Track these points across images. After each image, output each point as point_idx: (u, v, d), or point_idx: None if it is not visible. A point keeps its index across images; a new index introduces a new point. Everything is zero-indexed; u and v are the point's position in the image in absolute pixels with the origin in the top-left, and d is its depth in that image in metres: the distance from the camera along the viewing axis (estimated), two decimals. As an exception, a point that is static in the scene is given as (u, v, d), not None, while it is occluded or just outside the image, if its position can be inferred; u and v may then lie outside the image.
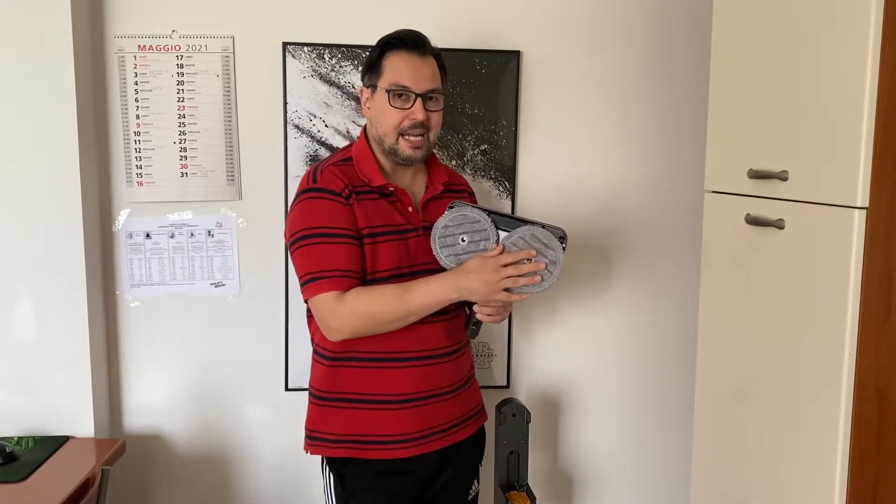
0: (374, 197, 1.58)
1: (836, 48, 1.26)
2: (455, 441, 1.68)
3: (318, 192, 1.55)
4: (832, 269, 1.26)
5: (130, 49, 1.98)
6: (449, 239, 1.53)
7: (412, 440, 1.61)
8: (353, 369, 1.60)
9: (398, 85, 1.55)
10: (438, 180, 1.68)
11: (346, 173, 1.58)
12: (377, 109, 1.59)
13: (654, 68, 2.16)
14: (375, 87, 1.58)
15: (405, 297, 1.50)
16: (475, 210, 1.54)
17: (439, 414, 1.64)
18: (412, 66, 1.56)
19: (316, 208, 1.55)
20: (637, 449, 2.30)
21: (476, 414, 1.76)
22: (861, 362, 1.23)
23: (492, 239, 1.53)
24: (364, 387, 1.59)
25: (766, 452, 1.47)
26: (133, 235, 2.04)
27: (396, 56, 1.57)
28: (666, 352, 2.26)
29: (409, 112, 1.56)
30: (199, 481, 2.13)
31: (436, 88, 1.59)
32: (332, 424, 1.62)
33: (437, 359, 1.62)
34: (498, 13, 2.09)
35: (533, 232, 1.52)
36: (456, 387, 1.68)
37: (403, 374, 1.59)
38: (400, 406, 1.59)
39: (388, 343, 1.57)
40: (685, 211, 2.20)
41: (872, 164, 1.19)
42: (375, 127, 1.60)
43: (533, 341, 2.22)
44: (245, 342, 2.10)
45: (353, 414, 1.60)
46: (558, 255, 1.52)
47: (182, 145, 2.01)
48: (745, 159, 1.51)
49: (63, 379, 1.92)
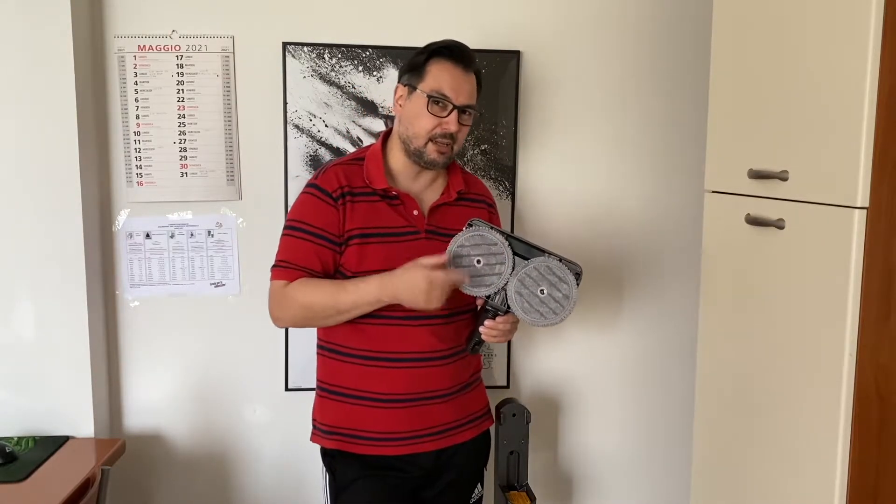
0: (373, 199, 1.61)
1: (836, 48, 1.26)
2: (453, 443, 1.68)
3: (313, 189, 1.62)
4: (832, 269, 1.26)
5: (130, 49, 1.98)
6: (465, 259, 1.52)
7: (401, 439, 1.62)
8: (350, 364, 1.63)
9: (439, 93, 1.57)
10: (454, 187, 1.70)
11: (349, 174, 1.62)
12: (412, 111, 1.60)
13: (654, 68, 2.16)
14: (415, 88, 1.60)
15: (337, 295, 1.54)
16: (493, 232, 1.53)
17: (433, 416, 1.65)
18: (456, 78, 1.59)
19: (306, 203, 1.62)
20: (637, 449, 2.30)
21: (479, 418, 1.76)
22: (861, 362, 1.23)
23: (507, 263, 1.52)
24: (359, 383, 1.63)
25: (765, 452, 1.47)
26: (133, 235, 2.04)
27: (443, 65, 1.59)
28: (666, 352, 2.26)
29: (444, 121, 1.58)
30: (199, 481, 2.13)
31: (472, 105, 1.62)
32: (327, 415, 1.67)
33: (430, 361, 1.63)
34: (498, 13, 2.09)
35: (548, 264, 1.51)
36: (453, 390, 1.68)
37: (394, 374, 1.61)
38: (390, 405, 1.62)
39: (379, 343, 1.61)
40: (685, 211, 2.20)
41: (872, 164, 1.19)
42: (406, 126, 1.62)
43: (533, 341, 2.22)
44: (245, 342, 2.09)
45: (347, 408, 1.64)
46: (571, 290, 1.52)
47: (182, 145, 2.01)
48: (745, 159, 1.51)
49: (63, 379, 1.92)
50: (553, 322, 1.53)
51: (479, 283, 1.53)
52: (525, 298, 1.52)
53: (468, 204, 1.73)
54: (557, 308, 1.52)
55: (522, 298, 1.52)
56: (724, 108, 1.61)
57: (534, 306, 1.52)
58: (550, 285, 1.51)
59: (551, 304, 1.52)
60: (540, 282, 1.52)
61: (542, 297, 1.52)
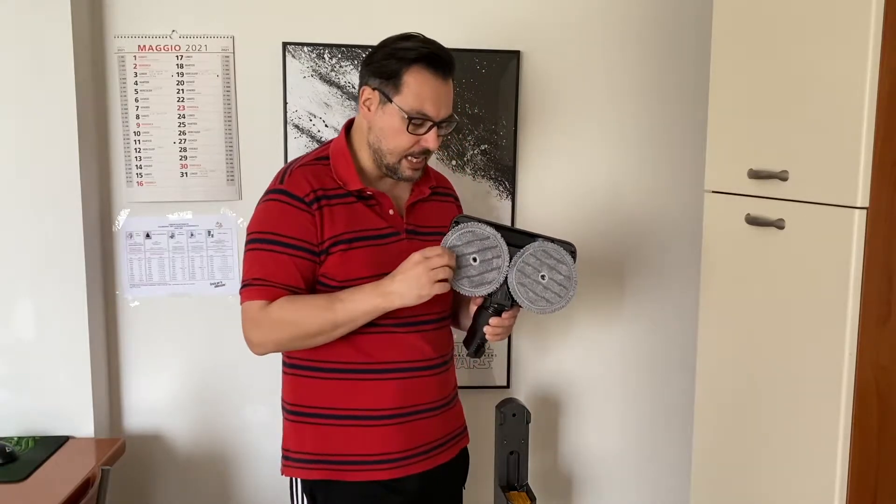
0: (349, 201, 1.47)
1: (836, 48, 1.26)
2: (438, 463, 1.56)
3: (279, 195, 1.45)
4: (832, 269, 1.26)
5: (130, 49, 1.98)
6: (461, 260, 1.42)
7: (395, 460, 1.48)
8: (328, 381, 1.48)
9: (420, 113, 1.43)
10: (425, 184, 1.58)
11: (318, 175, 1.47)
12: (387, 125, 1.46)
13: (654, 68, 2.16)
14: (390, 99, 1.44)
15: (332, 307, 1.39)
16: (482, 225, 1.44)
17: (424, 432, 1.52)
18: (436, 92, 1.44)
19: (273, 212, 1.45)
20: (637, 449, 2.30)
21: (459, 435, 1.64)
22: (861, 362, 1.23)
23: (504, 257, 1.43)
24: (338, 401, 1.47)
25: (765, 452, 1.47)
26: (133, 235, 2.04)
27: (422, 77, 1.43)
28: (666, 352, 2.26)
29: (423, 139, 1.46)
30: (199, 481, 2.13)
31: (451, 115, 1.49)
32: (305, 443, 1.50)
33: (423, 371, 1.51)
34: (498, 13, 2.09)
35: (544, 248, 1.45)
36: (442, 403, 1.56)
37: (382, 387, 1.47)
38: (381, 422, 1.47)
39: (366, 353, 1.47)
40: (685, 210, 2.20)
41: (872, 164, 1.19)
42: (378, 137, 1.48)
43: (533, 341, 2.22)
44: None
45: (329, 431, 1.48)
46: (571, 269, 1.46)
47: (182, 145, 2.01)
48: (745, 159, 1.50)
49: (63, 379, 1.92)
50: (561, 306, 1.46)
51: (481, 282, 1.44)
52: (529, 288, 1.45)
53: (441, 199, 1.62)
54: (562, 291, 1.46)
55: (526, 288, 1.45)
56: (724, 108, 1.61)
57: (539, 294, 1.45)
58: (550, 269, 1.45)
59: (555, 288, 1.46)
60: (539, 268, 1.45)
61: (545, 283, 1.45)
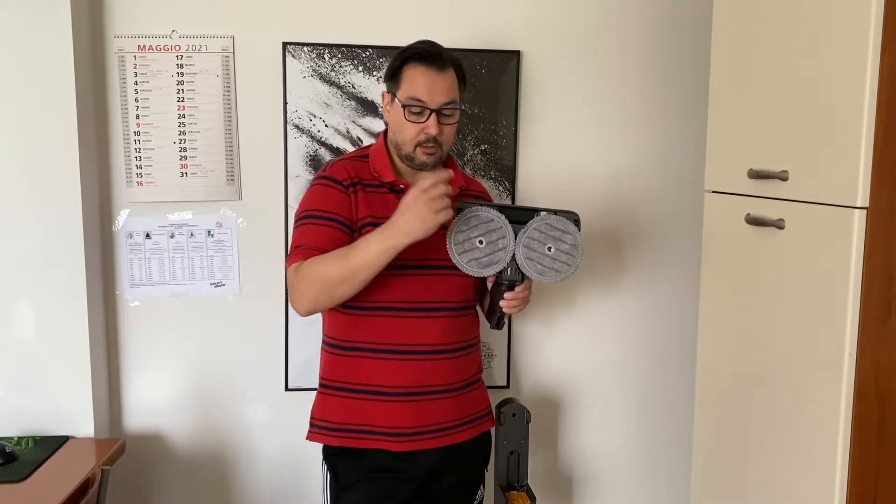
0: (382, 191, 1.64)
1: (836, 48, 1.26)
2: (454, 442, 1.68)
3: (323, 180, 1.64)
4: (832, 269, 1.26)
5: (130, 49, 1.98)
6: (466, 244, 1.54)
7: (406, 434, 1.62)
8: (353, 359, 1.63)
9: (414, 99, 1.58)
10: (455, 183, 1.69)
11: (357, 167, 1.65)
12: (395, 118, 1.63)
13: (654, 68, 2.16)
14: (394, 96, 1.62)
15: (347, 254, 1.50)
16: (485, 208, 1.54)
17: (436, 411, 1.65)
18: (429, 81, 1.58)
19: (317, 194, 1.63)
20: (637, 449, 2.30)
21: (480, 418, 1.76)
22: (861, 362, 1.23)
23: (508, 237, 1.54)
24: (361, 377, 1.63)
25: (765, 452, 1.47)
26: (133, 235, 2.04)
27: (414, 70, 1.59)
28: (666, 352, 2.26)
29: (424, 126, 1.59)
30: (199, 481, 2.13)
31: (451, 101, 1.61)
32: (329, 412, 1.66)
33: (436, 355, 1.64)
34: (498, 13, 2.09)
35: (546, 221, 1.54)
36: (457, 386, 1.69)
37: (398, 367, 1.62)
38: (395, 399, 1.62)
39: (385, 335, 1.61)
40: (685, 211, 2.20)
41: (872, 164, 1.19)
42: (394, 133, 1.65)
43: (533, 341, 2.22)
44: (245, 342, 2.09)
45: (350, 403, 1.64)
46: (576, 237, 1.54)
47: (182, 145, 2.01)
48: (745, 159, 1.51)
49: (63, 379, 1.92)
50: (569, 273, 1.54)
51: (489, 263, 1.54)
52: (536, 261, 1.54)
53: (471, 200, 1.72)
54: (569, 259, 1.54)
55: (534, 262, 1.54)
56: (724, 108, 1.61)
57: (547, 266, 1.55)
58: (555, 240, 1.54)
59: (562, 258, 1.54)
60: (545, 241, 1.54)
61: (552, 255, 1.54)
